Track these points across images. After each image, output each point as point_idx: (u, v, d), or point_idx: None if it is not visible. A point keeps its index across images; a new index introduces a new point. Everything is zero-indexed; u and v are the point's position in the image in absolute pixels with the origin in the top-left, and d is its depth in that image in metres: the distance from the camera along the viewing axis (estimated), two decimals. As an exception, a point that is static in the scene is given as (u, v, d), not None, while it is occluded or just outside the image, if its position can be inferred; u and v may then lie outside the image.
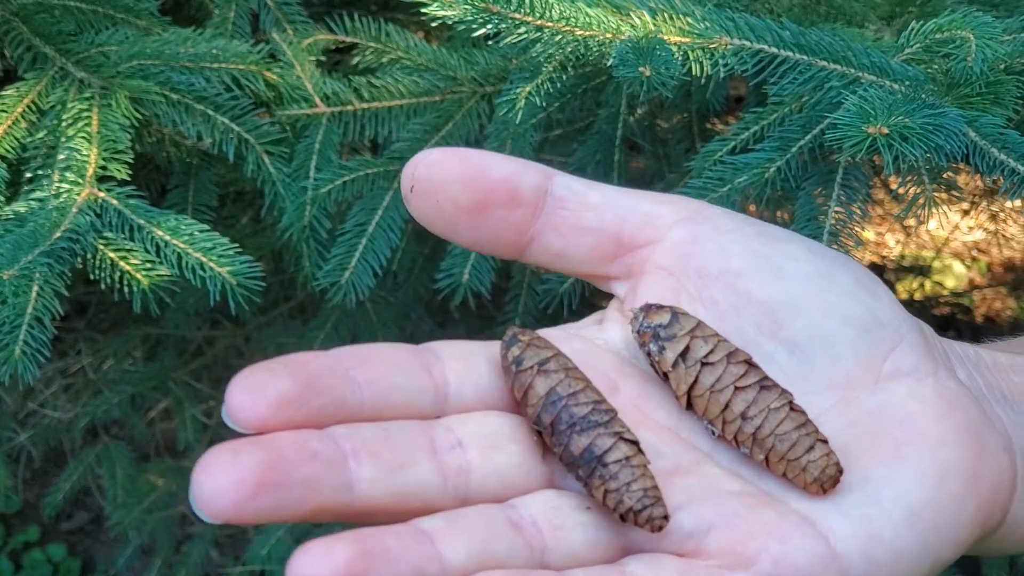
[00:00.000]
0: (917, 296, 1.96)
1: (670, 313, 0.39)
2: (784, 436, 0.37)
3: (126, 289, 0.77)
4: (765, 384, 0.38)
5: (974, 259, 2.04)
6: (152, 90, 0.83)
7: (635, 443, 0.36)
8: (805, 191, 0.68)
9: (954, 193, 0.68)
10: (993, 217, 1.57)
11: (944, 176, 0.67)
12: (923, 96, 0.60)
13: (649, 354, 0.40)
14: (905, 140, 0.56)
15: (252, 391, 0.33)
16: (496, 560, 0.33)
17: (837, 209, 0.66)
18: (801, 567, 0.35)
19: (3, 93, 0.84)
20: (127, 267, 0.77)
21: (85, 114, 0.82)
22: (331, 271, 0.86)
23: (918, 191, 0.66)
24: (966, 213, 1.80)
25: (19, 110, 0.82)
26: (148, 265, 0.78)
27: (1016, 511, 0.41)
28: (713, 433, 0.39)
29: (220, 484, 0.31)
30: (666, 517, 0.35)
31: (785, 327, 0.40)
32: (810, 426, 0.38)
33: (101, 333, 1.60)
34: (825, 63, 0.62)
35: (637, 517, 0.35)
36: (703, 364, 0.38)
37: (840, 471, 0.37)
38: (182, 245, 0.77)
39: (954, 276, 1.99)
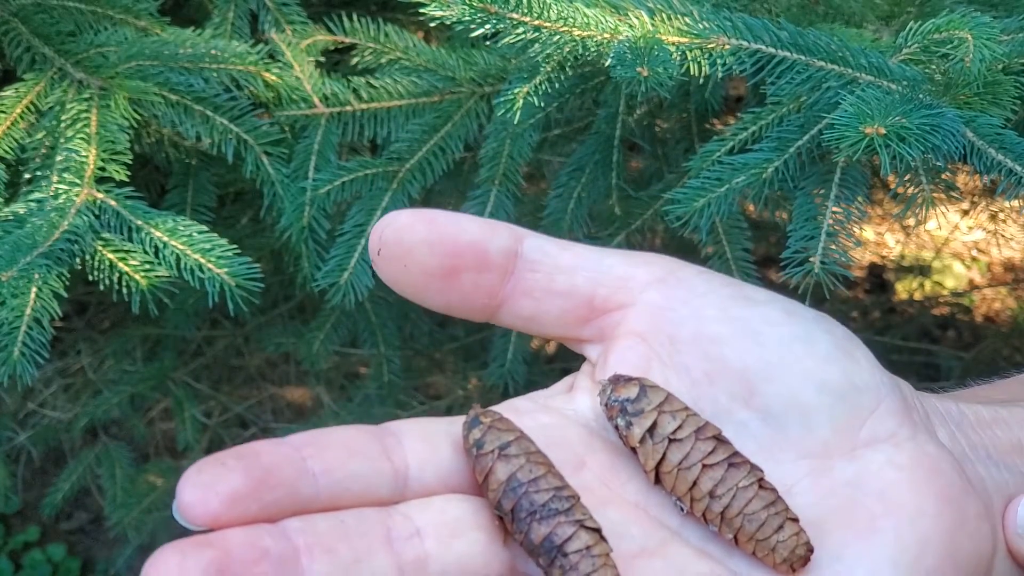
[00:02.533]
0: (917, 296, 1.96)
1: (638, 387, 0.39)
2: (753, 516, 0.37)
3: (125, 290, 0.78)
4: (734, 461, 0.37)
5: (974, 259, 2.04)
6: (151, 91, 0.83)
7: (597, 531, 0.35)
8: (803, 191, 0.68)
9: (953, 193, 0.68)
10: (993, 217, 1.57)
11: (943, 176, 0.67)
12: (921, 96, 0.60)
13: (617, 428, 0.39)
14: (902, 140, 0.56)
15: (203, 487, 0.33)
16: None
17: (835, 209, 0.66)
18: None
19: (2, 94, 0.84)
20: (126, 268, 0.77)
21: (84, 115, 0.82)
22: (330, 271, 0.86)
23: (916, 191, 0.66)
24: (966, 213, 1.80)
25: (18, 111, 0.82)
26: (147, 266, 0.78)
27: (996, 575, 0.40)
28: (682, 509, 0.38)
29: None
30: None
31: (759, 394, 0.39)
32: (779, 504, 0.37)
33: (101, 333, 1.61)
34: (823, 63, 0.62)
35: None
36: (671, 440, 0.38)
37: (810, 550, 0.36)
38: (181, 246, 0.77)
39: (954, 276, 1.99)
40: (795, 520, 0.37)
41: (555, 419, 0.40)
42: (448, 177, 0.92)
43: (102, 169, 0.80)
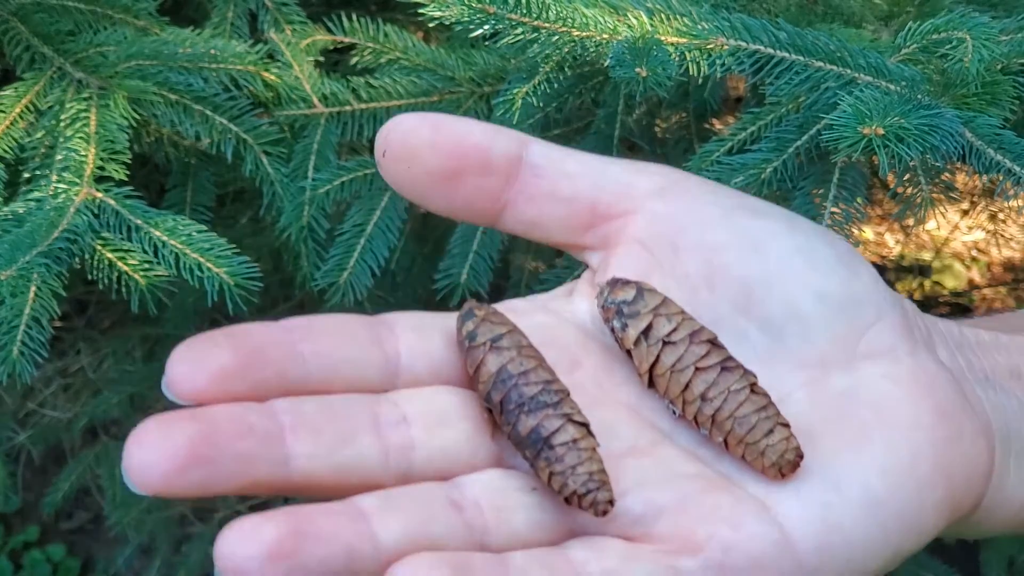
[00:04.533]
0: (917, 296, 1.96)
1: (635, 289, 0.39)
2: (743, 419, 0.36)
3: (124, 289, 0.78)
4: (727, 365, 0.37)
5: (974, 259, 2.04)
6: (150, 90, 0.83)
7: (584, 425, 0.35)
8: (802, 191, 0.68)
9: (952, 194, 0.68)
10: (992, 217, 1.57)
11: (942, 177, 0.67)
12: (919, 96, 0.60)
13: (613, 330, 0.39)
14: (901, 141, 0.56)
15: (192, 363, 0.33)
16: (432, 541, 0.32)
17: (834, 210, 0.67)
18: (752, 554, 0.34)
19: (1, 93, 0.84)
20: (125, 267, 0.77)
21: (83, 114, 0.82)
22: (329, 271, 0.86)
23: (915, 191, 0.66)
24: (965, 213, 1.80)
25: (17, 110, 0.82)
26: (146, 265, 0.78)
27: (993, 496, 0.40)
28: (674, 413, 0.38)
29: (151, 457, 0.31)
30: (611, 502, 0.34)
31: (759, 304, 0.39)
32: (771, 409, 0.37)
33: (100, 333, 1.61)
34: (821, 64, 0.62)
35: (581, 501, 0.34)
36: (665, 343, 0.38)
37: (800, 456, 0.36)
38: (180, 245, 0.77)
39: (954, 276, 1.99)
40: (786, 426, 0.36)
41: (552, 320, 0.40)
42: (447, 177, 0.92)
43: (101, 168, 0.80)
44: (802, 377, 0.38)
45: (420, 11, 0.67)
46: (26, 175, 0.82)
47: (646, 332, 0.38)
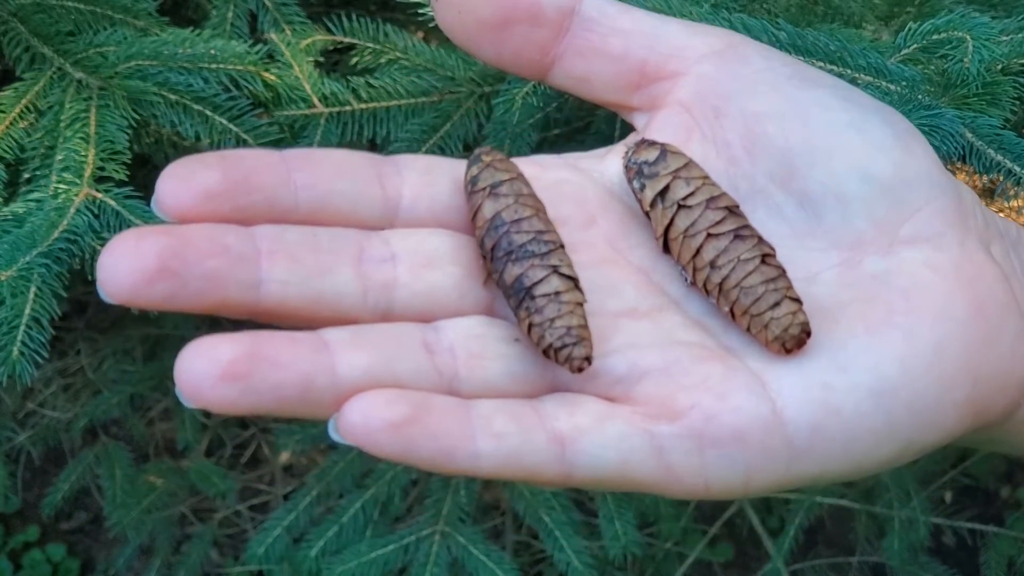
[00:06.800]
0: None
1: (659, 150, 0.37)
2: (749, 289, 0.35)
3: (124, 289, 0.77)
4: (741, 234, 0.36)
5: (974, 259, 2.04)
6: (150, 90, 0.83)
7: (572, 279, 0.34)
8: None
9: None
10: (992, 217, 1.57)
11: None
12: (919, 97, 0.60)
13: (634, 191, 0.38)
14: (901, 141, 0.56)
15: (180, 180, 0.32)
16: (395, 380, 0.31)
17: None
18: (734, 427, 0.33)
19: (1, 93, 0.84)
20: (125, 267, 0.77)
21: (83, 115, 0.82)
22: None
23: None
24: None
25: (17, 110, 0.82)
26: (146, 265, 0.78)
27: None
28: (686, 279, 0.37)
29: (121, 266, 0.31)
30: (588, 358, 0.33)
31: (799, 178, 0.37)
32: (781, 282, 0.35)
33: (100, 333, 1.61)
34: (822, 64, 0.62)
35: (557, 355, 0.33)
36: (680, 206, 0.36)
37: (806, 332, 0.34)
38: (180, 245, 0.77)
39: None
40: (796, 300, 0.35)
41: (577, 176, 0.39)
42: (447, 177, 0.92)
43: (101, 168, 0.80)
44: (835, 257, 0.36)
45: (420, 11, 0.67)
46: (26, 175, 0.82)
47: (662, 194, 0.37)
